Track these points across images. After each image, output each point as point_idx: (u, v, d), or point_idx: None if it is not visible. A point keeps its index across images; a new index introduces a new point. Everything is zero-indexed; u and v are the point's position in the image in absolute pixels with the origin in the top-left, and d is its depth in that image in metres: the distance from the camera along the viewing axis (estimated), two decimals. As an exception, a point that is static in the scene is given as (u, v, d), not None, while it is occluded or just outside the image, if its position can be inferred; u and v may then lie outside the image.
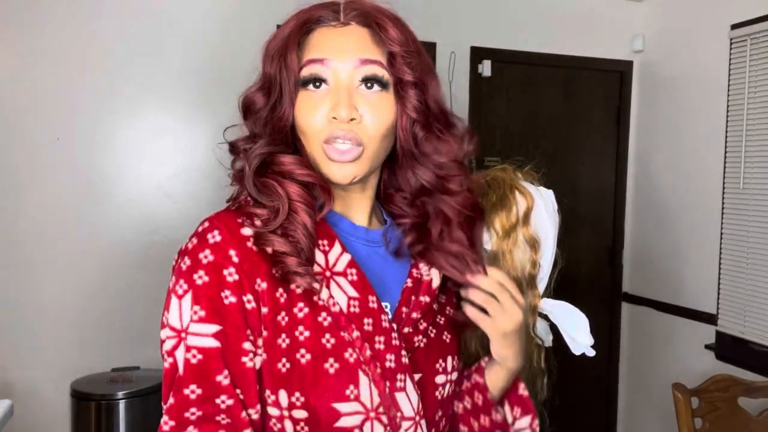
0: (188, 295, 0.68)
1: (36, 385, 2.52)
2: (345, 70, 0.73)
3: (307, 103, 0.74)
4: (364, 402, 0.70)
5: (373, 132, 0.73)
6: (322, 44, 0.74)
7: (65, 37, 2.55)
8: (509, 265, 1.33)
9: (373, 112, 0.73)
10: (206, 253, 0.69)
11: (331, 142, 0.72)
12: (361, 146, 0.73)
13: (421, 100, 0.76)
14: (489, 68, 3.11)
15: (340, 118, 0.71)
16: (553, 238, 1.39)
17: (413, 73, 0.74)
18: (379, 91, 0.74)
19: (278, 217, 0.71)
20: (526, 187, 1.38)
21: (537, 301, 1.36)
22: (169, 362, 0.68)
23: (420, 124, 0.77)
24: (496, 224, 1.34)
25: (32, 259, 2.54)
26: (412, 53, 0.75)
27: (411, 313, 0.79)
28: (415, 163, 0.80)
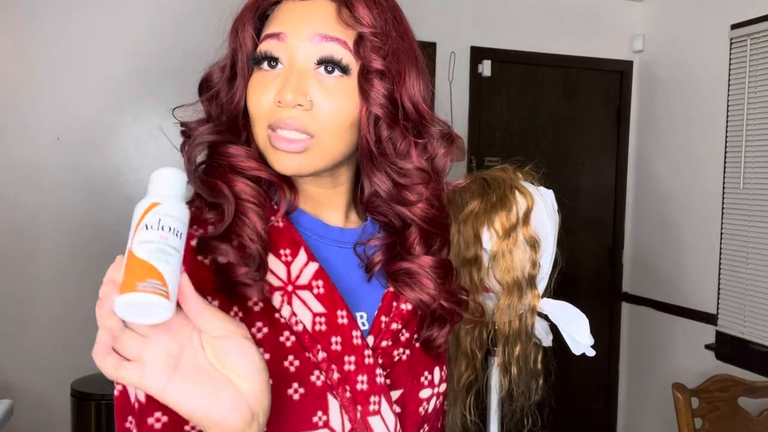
0: None
1: (36, 385, 2.52)
2: (301, 49, 0.63)
3: (258, 83, 0.65)
4: (335, 428, 0.63)
5: (327, 121, 0.63)
6: (282, 17, 0.65)
7: (65, 36, 2.55)
8: (509, 265, 1.33)
9: (329, 99, 0.63)
10: None
11: (276, 129, 0.63)
12: (312, 137, 0.63)
13: (388, 94, 0.65)
14: (489, 68, 3.11)
15: (284, 103, 0.61)
16: (553, 238, 1.39)
17: (381, 61, 0.64)
18: (340, 77, 0.63)
19: (224, 221, 0.62)
20: (526, 187, 1.38)
21: (537, 301, 1.36)
22: (118, 389, 0.59)
23: (385, 123, 0.66)
24: (496, 224, 1.34)
25: (32, 259, 2.54)
26: (384, 37, 0.64)
27: (390, 324, 0.70)
28: (371, 165, 0.68)
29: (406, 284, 0.71)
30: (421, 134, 0.69)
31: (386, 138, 0.67)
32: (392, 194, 0.69)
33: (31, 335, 2.54)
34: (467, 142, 3.08)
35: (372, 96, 0.64)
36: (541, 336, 1.40)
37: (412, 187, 0.69)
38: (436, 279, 0.71)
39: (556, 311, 1.36)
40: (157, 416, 0.57)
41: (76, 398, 2.35)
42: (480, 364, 1.42)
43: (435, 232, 0.72)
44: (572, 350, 1.34)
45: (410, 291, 0.71)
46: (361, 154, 0.68)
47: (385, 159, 0.67)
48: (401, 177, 0.68)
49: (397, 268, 0.71)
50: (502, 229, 1.34)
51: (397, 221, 0.72)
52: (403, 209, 0.70)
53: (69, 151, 2.57)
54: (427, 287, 0.71)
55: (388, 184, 0.68)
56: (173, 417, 0.56)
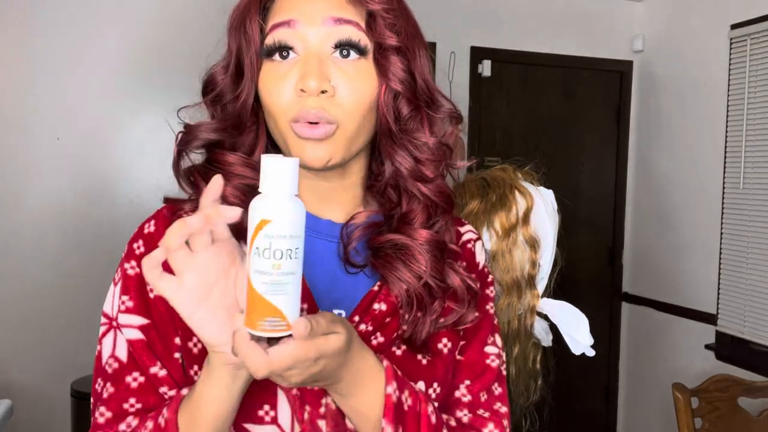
0: (119, 284, 0.66)
1: (36, 385, 2.52)
2: (315, 34, 0.61)
3: (272, 75, 0.63)
4: (283, 426, 0.62)
5: (350, 107, 0.62)
6: (289, 5, 0.63)
7: (66, 36, 2.55)
8: (509, 265, 1.33)
9: (350, 84, 0.62)
10: (139, 243, 0.67)
11: (300, 119, 0.61)
12: (334, 124, 0.61)
13: (406, 70, 0.64)
14: (489, 68, 3.11)
15: (308, 90, 0.60)
16: (553, 238, 1.39)
17: (397, 37, 0.63)
18: (357, 59, 0.62)
19: None
20: (526, 187, 1.38)
21: (536, 301, 1.36)
22: (97, 349, 0.66)
23: (405, 99, 0.65)
24: (496, 224, 1.34)
25: (32, 259, 2.54)
26: (396, 13, 0.63)
27: (359, 325, 0.66)
28: (392, 144, 0.67)
29: (392, 259, 0.67)
30: (431, 108, 0.68)
31: (406, 114, 0.66)
32: (413, 171, 0.67)
33: (31, 335, 2.54)
34: (467, 142, 3.08)
35: (392, 72, 0.63)
36: (540, 336, 1.40)
37: (430, 163, 0.68)
38: (429, 255, 0.67)
39: (556, 311, 1.36)
40: (134, 375, 0.64)
41: (76, 398, 2.35)
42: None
43: (444, 207, 0.70)
44: (572, 350, 1.34)
45: (395, 269, 0.66)
46: (381, 134, 0.67)
47: (405, 135, 0.66)
48: (421, 153, 0.67)
49: (385, 239, 0.67)
50: (501, 229, 1.34)
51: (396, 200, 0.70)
52: (420, 186, 0.68)
53: (69, 151, 2.57)
54: (418, 262, 0.66)
55: (409, 160, 0.67)
56: (149, 378, 0.63)
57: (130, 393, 0.63)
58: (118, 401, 0.63)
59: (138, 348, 0.64)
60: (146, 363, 0.64)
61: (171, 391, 0.64)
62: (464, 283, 0.71)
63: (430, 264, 0.67)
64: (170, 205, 0.68)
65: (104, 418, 0.63)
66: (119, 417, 0.63)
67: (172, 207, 0.68)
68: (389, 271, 0.67)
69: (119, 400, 0.63)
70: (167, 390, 0.64)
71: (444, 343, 0.72)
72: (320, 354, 0.52)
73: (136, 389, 0.64)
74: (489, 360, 0.76)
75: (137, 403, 0.63)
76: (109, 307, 0.67)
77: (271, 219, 0.50)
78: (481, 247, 0.80)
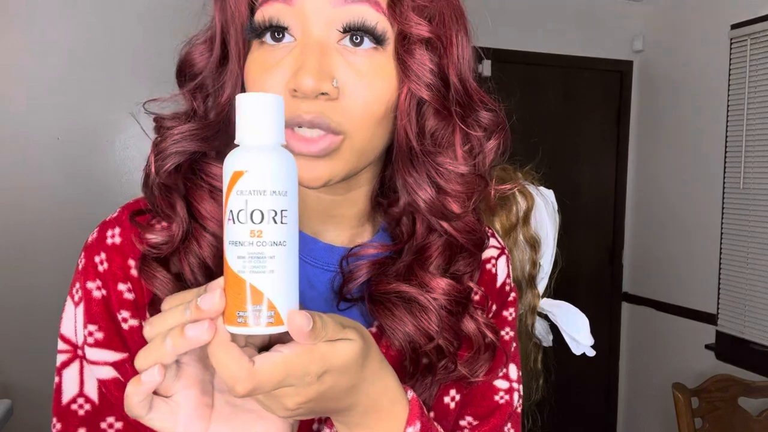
0: (82, 306, 0.53)
1: (36, 385, 2.52)
2: (318, 13, 0.46)
3: (259, 63, 0.48)
4: None
5: (360, 113, 0.47)
6: None
7: (65, 36, 2.55)
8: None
9: (361, 82, 0.47)
10: (102, 257, 0.52)
11: (293, 126, 0.47)
12: (340, 135, 0.47)
13: (437, 69, 0.49)
14: (489, 68, 3.11)
15: (302, 91, 0.45)
16: (553, 238, 1.39)
17: (428, 26, 0.48)
18: (372, 50, 0.48)
19: (172, 244, 0.50)
20: (526, 187, 1.38)
21: (537, 301, 1.36)
22: (56, 381, 0.53)
23: (432, 109, 0.50)
24: (496, 224, 1.34)
25: (32, 259, 2.54)
26: None
27: None
28: (411, 168, 0.51)
29: (395, 309, 0.53)
30: (466, 121, 0.53)
31: (432, 128, 0.50)
32: (434, 205, 0.52)
33: (31, 335, 2.53)
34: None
35: (416, 72, 0.48)
36: (541, 336, 1.40)
37: (458, 195, 0.52)
38: (445, 312, 0.53)
39: (557, 311, 1.36)
40: (109, 421, 0.51)
41: (76, 398, 2.35)
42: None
43: (470, 249, 0.55)
44: (572, 350, 1.34)
45: (399, 321, 0.52)
46: (397, 150, 0.52)
47: (428, 158, 0.51)
48: (447, 182, 0.51)
49: (391, 289, 0.53)
50: (502, 229, 1.34)
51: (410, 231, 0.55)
52: (442, 223, 0.53)
53: (69, 151, 2.57)
54: (429, 320, 0.52)
55: (430, 192, 0.51)
56: (129, 422, 0.51)
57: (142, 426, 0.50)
58: None
59: (112, 388, 0.51)
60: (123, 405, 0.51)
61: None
62: (480, 331, 0.57)
63: (445, 323, 0.53)
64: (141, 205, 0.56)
65: None
66: None
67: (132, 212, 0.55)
68: (391, 323, 0.53)
69: None
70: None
71: (452, 396, 0.60)
72: (325, 367, 0.40)
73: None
74: (497, 396, 0.62)
75: None
76: (70, 330, 0.54)
77: (246, 169, 0.38)
78: (504, 263, 0.66)
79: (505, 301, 0.66)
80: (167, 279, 0.50)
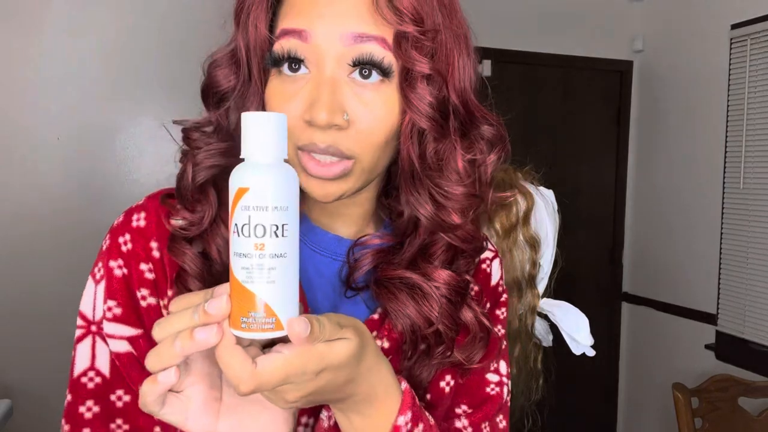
0: (103, 283, 0.57)
1: (36, 385, 2.52)
2: (330, 51, 0.51)
3: (279, 93, 0.53)
4: None
5: (368, 140, 0.53)
6: (303, 7, 0.52)
7: (65, 36, 2.55)
8: (509, 265, 1.33)
9: (369, 113, 0.52)
10: (126, 238, 0.57)
11: (309, 151, 0.52)
12: (352, 159, 0.53)
13: (436, 101, 0.54)
14: (489, 68, 3.11)
15: (315, 123, 0.50)
16: (553, 238, 1.39)
17: (428, 62, 0.53)
18: (380, 82, 0.53)
19: (200, 226, 0.56)
20: (526, 187, 1.38)
21: (537, 301, 1.36)
22: (72, 355, 0.58)
23: (431, 136, 0.55)
24: (496, 224, 1.34)
25: (32, 260, 2.54)
26: (432, 32, 0.53)
27: None
28: (413, 187, 0.58)
29: (400, 294, 0.59)
30: (468, 135, 0.58)
31: (431, 151, 0.56)
32: (434, 220, 0.58)
33: (31, 335, 2.54)
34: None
35: (416, 105, 0.53)
36: (541, 336, 1.40)
37: (456, 210, 0.58)
38: (445, 300, 0.59)
39: (556, 311, 1.36)
40: (118, 394, 0.56)
41: (76, 398, 2.35)
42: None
43: (469, 252, 0.62)
44: (572, 350, 1.34)
45: (402, 305, 0.58)
46: (402, 172, 0.58)
47: (428, 178, 0.57)
48: (447, 200, 0.57)
49: (396, 275, 0.59)
50: (501, 229, 1.34)
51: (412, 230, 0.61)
52: (443, 234, 0.59)
53: (69, 151, 2.57)
54: (431, 307, 0.58)
55: (430, 209, 0.57)
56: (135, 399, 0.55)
57: (117, 413, 0.56)
58: (104, 421, 0.56)
59: (126, 362, 0.56)
60: (135, 379, 0.56)
61: None
62: (477, 320, 0.63)
63: (445, 310, 0.59)
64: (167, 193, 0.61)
65: None
66: None
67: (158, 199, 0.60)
68: (395, 306, 0.59)
69: (105, 419, 0.56)
70: None
71: (447, 382, 0.65)
72: (323, 365, 0.44)
73: (122, 409, 0.56)
74: (489, 388, 0.68)
75: (125, 424, 0.56)
76: (89, 308, 0.57)
77: (249, 186, 0.41)
78: (498, 266, 0.72)
79: (498, 301, 0.71)
80: (195, 255, 0.55)
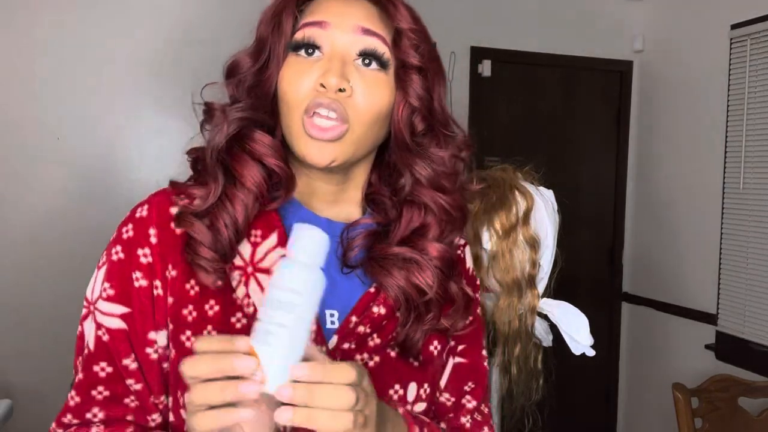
0: (104, 269, 0.66)
1: (36, 385, 2.52)
2: (343, 38, 0.65)
3: (295, 67, 0.65)
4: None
5: (364, 111, 0.64)
6: (325, 9, 0.66)
7: (65, 36, 2.55)
8: (509, 265, 1.33)
9: (367, 89, 0.65)
10: (129, 227, 0.66)
11: (313, 114, 0.63)
12: (347, 124, 0.64)
13: (425, 89, 0.68)
14: (489, 68, 3.11)
15: (328, 86, 0.62)
16: (553, 238, 1.39)
17: (419, 58, 0.67)
18: (377, 70, 0.66)
19: (208, 199, 0.64)
20: (526, 187, 1.38)
21: (536, 302, 1.36)
22: (78, 330, 0.68)
23: (420, 115, 0.68)
24: (496, 224, 1.34)
25: (32, 260, 2.54)
26: (421, 36, 0.68)
27: (357, 326, 0.67)
28: (409, 155, 0.69)
29: (393, 269, 0.68)
30: (444, 133, 0.71)
31: (421, 130, 0.69)
32: (433, 180, 0.70)
33: (31, 335, 2.54)
34: (467, 142, 3.08)
35: (411, 89, 0.67)
36: (541, 336, 1.40)
37: (447, 175, 0.70)
38: (438, 271, 0.69)
39: (556, 311, 1.36)
40: (102, 365, 0.65)
41: (76, 398, 2.35)
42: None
43: (459, 224, 0.72)
44: (572, 350, 1.34)
45: (395, 279, 0.68)
46: (396, 146, 0.70)
47: (422, 149, 0.69)
48: (438, 166, 0.70)
49: (390, 253, 0.68)
50: (501, 229, 1.34)
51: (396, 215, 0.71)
52: (440, 196, 0.70)
53: (69, 151, 2.57)
54: (425, 277, 0.68)
55: (429, 170, 0.70)
56: (118, 369, 0.64)
57: (98, 381, 0.65)
58: (87, 387, 0.65)
59: (117, 337, 0.64)
60: (121, 354, 0.64)
61: (137, 385, 0.64)
62: (462, 291, 0.74)
63: (438, 280, 0.69)
64: (165, 192, 0.69)
65: (74, 401, 0.66)
66: (87, 403, 0.65)
67: (171, 191, 0.68)
68: (389, 280, 0.68)
69: (88, 386, 0.65)
70: (133, 383, 0.64)
71: (435, 346, 0.75)
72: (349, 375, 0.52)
73: (104, 378, 0.65)
74: (486, 362, 0.82)
75: (105, 391, 0.65)
76: (90, 291, 0.67)
77: (276, 272, 0.52)
78: (469, 253, 0.83)
79: (474, 285, 0.82)
80: (203, 226, 0.63)
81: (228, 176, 0.65)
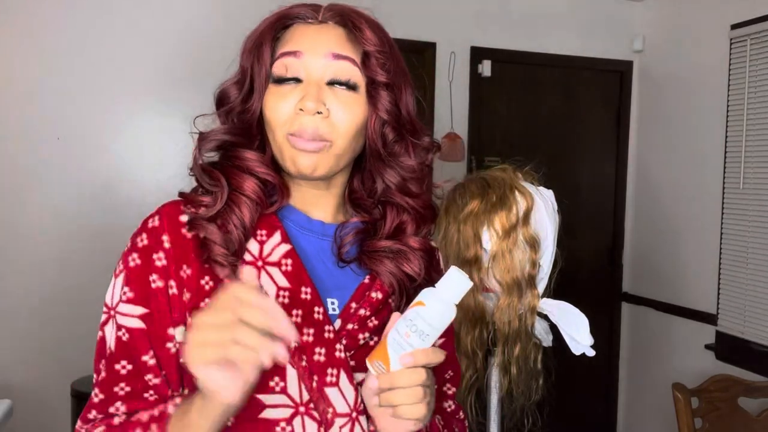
0: (121, 275, 0.72)
1: (36, 385, 2.52)
2: (316, 65, 0.73)
3: (277, 95, 0.74)
4: (293, 395, 0.70)
5: (342, 129, 0.73)
6: (297, 39, 0.74)
7: (66, 37, 2.55)
8: (509, 265, 1.33)
9: (343, 108, 0.73)
10: (143, 237, 0.73)
11: (297, 134, 0.72)
12: (328, 142, 0.72)
13: (392, 102, 0.76)
14: (489, 68, 3.11)
15: (306, 110, 0.71)
16: (553, 238, 1.39)
17: (386, 75, 0.74)
18: (349, 91, 0.74)
19: (216, 205, 0.72)
20: (526, 187, 1.38)
21: (536, 301, 1.36)
22: (99, 335, 0.73)
23: (390, 126, 0.77)
24: (496, 224, 1.34)
25: (32, 259, 2.54)
26: (387, 55, 0.75)
27: (359, 309, 0.76)
28: (382, 164, 0.79)
29: (385, 260, 0.78)
30: (413, 139, 0.80)
31: (392, 140, 0.78)
32: (401, 187, 0.80)
33: (31, 335, 2.54)
34: (467, 142, 3.08)
35: (380, 104, 0.75)
36: (541, 336, 1.40)
37: (415, 181, 0.80)
38: (423, 260, 0.80)
39: (556, 311, 1.36)
40: (122, 363, 0.71)
41: (76, 398, 2.35)
42: (481, 363, 1.42)
43: (429, 218, 0.82)
44: (572, 350, 1.34)
45: (388, 268, 0.78)
46: (371, 156, 0.79)
47: (392, 158, 0.78)
48: (407, 172, 0.79)
49: (381, 245, 0.79)
50: (501, 229, 1.34)
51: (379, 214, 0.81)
52: (409, 200, 0.80)
53: (69, 151, 2.57)
54: (413, 264, 0.79)
55: (398, 178, 0.79)
56: (138, 365, 0.70)
57: (120, 378, 0.71)
58: (110, 385, 0.71)
59: (137, 336, 0.70)
60: (140, 351, 0.70)
61: (156, 380, 0.70)
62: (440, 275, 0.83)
63: (424, 268, 0.80)
64: (176, 200, 0.76)
65: (98, 398, 0.72)
66: (110, 399, 0.71)
67: (179, 202, 0.76)
68: (382, 268, 0.78)
69: (110, 384, 0.71)
70: (152, 378, 0.70)
71: None
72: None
73: (125, 376, 0.71)
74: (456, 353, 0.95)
75: (126, 387, 0.71)
76: (109, 297, 0.74)
77: (427, 305, 0.66)
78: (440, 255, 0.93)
79: None
80: (214, 228, 0.71)
81: (231, 187, 0.74)
